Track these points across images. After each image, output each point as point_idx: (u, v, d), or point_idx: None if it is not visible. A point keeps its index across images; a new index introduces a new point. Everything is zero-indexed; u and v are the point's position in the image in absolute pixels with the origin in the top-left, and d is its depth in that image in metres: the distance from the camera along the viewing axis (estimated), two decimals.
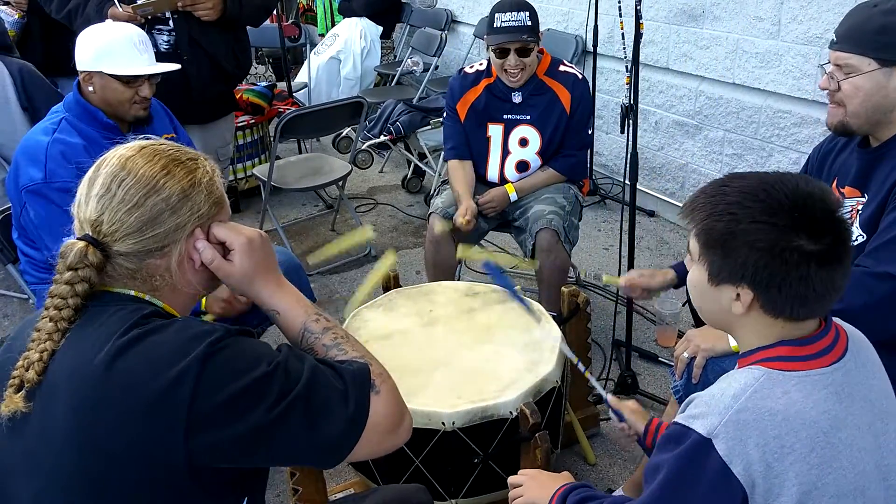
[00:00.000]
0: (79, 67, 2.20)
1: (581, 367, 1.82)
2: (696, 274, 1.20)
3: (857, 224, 1.73)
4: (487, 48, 2.83)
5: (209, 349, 1.03)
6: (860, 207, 1.75)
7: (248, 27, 3.38)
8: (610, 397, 1.69)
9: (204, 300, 2.02)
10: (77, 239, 1.12)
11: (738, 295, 1.14)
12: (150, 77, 2.27)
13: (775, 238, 1.08)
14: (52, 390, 1.06)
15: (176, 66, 2.38)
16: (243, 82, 4.49)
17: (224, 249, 1.20)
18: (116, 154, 1.16)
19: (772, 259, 1.08)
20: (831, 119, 1.75)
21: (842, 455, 1.08)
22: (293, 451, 1.08)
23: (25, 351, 1.08)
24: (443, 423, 1.78)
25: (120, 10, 2.86)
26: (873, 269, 1.60)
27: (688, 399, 1.18)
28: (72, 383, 1.04)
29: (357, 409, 1.09)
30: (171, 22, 3.00)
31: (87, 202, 1.14)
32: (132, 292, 1.14)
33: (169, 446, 1.01)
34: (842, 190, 1.81)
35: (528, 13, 2.72)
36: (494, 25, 2.74)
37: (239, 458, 1.06)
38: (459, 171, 2.94)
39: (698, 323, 1.97)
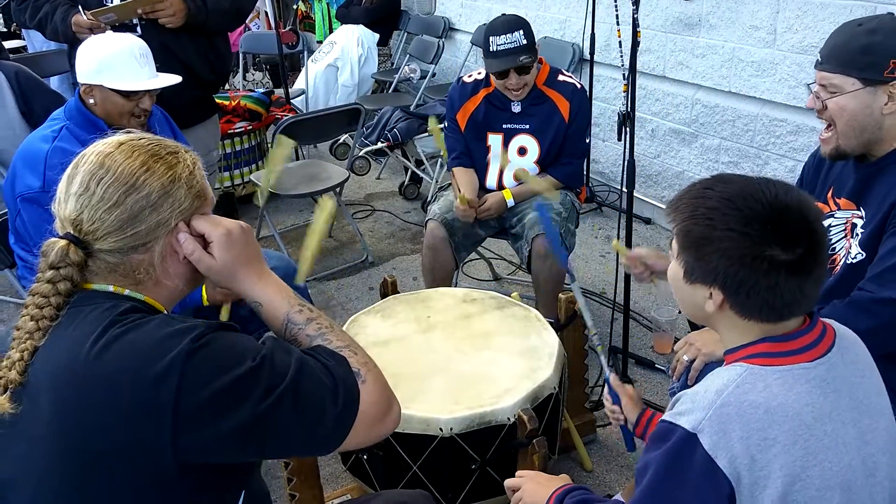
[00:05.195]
0: (79, 80, 2.20)
1: (590, 326, 1.87)
2: (675, 269, 1.24)
3: (856, 243, 1.73)
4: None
5: (192, 345, 1.02)
6: (856, 221, 1.74)
7: (227, 32, 3.30)
8: (612, 377, 1.74)
9: (204, 293, 2.02)
10: (59, 237, 1.10)
11: (710, 294, 1.17)
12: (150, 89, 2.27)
13: (746, 248, 1.11)
14: (35, 392, 1.04)
15: (177, 79, 2.35)
16: (241, 88, 4.48)
17: (205, 242, 1.17)
18: (95, 150, 1.14)
19: (741, 267, 1.12)
20: (825, 147, 1.73)
21: (827, 448, 1.10)
22: (284, 444, 1.07)
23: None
24: (440, 429, 1.78)
25: (83, 17, 2.82)
26: (878, 295, 1.61)
27: (675, 397, 1.19)
28: (52, 387, 1.03)
29: (346, 399, 1.08)
30: (139, 28, 2.95)
31: (66, 200, 1.12)
32: (110, 288, 1.12)
33: (156, 446, 0.99)
34: (837, 201, 1.81)
35: (522, 31, 2.69)
36: (491, 49, 2.71)
37: (229, 454, 1.05)
38: (464, 176, 2.95)
39: (695, 329, 1.98)
